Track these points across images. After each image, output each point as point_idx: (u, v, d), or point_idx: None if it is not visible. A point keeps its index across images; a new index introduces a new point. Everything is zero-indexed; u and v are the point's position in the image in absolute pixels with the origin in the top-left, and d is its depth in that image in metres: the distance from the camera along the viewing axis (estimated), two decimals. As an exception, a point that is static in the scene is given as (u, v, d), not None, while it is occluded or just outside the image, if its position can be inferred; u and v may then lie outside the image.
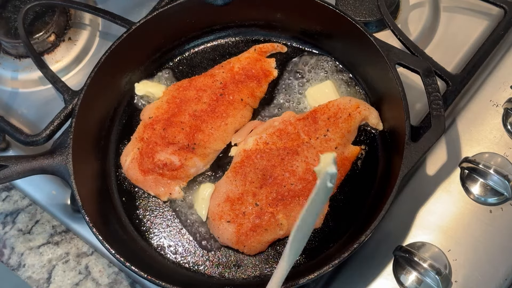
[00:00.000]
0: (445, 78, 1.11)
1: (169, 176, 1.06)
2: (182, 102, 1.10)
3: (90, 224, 0.95)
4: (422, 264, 0.97)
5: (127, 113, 1.16)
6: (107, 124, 1.13)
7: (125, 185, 1.10)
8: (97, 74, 1.06)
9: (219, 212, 1.01)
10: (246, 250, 1.00)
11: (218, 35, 1.22)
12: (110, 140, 1.13)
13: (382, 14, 1.16)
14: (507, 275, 1.01)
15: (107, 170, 1.11)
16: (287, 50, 1.20)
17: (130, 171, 1.08)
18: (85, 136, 1.06)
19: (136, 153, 1.07)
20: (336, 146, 1.05)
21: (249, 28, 1.21)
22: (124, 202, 1.09)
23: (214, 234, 1.03)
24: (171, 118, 1.08)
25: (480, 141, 1.11)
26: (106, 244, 0.93)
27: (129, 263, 0.92)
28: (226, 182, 1.03)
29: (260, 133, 1.07)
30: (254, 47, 1.18)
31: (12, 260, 1.11)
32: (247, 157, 1.04)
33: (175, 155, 1.06)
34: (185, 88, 1.12)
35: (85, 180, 1.02)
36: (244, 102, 1.11)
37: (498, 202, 1.05)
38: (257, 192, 1.01)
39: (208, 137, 1.08)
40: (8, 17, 1.28)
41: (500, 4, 1.21)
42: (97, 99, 1.09)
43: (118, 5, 1.28)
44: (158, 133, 1.07)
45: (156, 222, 1.06)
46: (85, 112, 1.05)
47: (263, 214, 1.00)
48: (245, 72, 1.13)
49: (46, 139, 1.11)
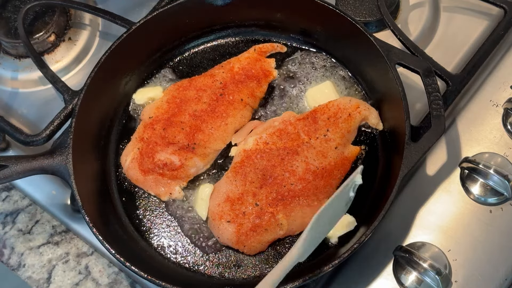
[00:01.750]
0: (445, 78, 1.11)
1: (169, 176, 1.06)
2: (182, 102, 1.10)
3: (90, 224, 0.95)
4: (422, 264, 0.97)
5: (127, 113, 1.16)
6: (107, 124, 1.13)
7: (125, 185, 1.10)
8: (97, 74, 1.06)
9: (219, 212, 1.01)
10: (246, 250, 1.00)
11: (218, 35, 1.22)
12: (110, 140, 1.13)
13: (382, 14, 1.16)
14: (507, 275, 1.01)
15: (107, 170, 1.11)
16: (286, 50, 1.20)
17: (130, 171, 1.08)
18: (85, 136, 1.06)
19: (136, 153, 1.07)
20: (336, 146, 1.05)
21: (249, 28, 1.21)
22: (124, 202, 1.09)
23: (214, 234, 1.03)
24: (171, 118, 1.08)
25: (480, 141, 1.11)
26: (106, 244, 0.93)
27: (129, 263, 0.92)
28: (226, 182, 1.03)
29: (260, 133, 1.07)
30: (254, 47, 1.18)
31: (12, 260, 1.11)
32: (247, 157, 1.04)
33: (175, 155, 1.06)
34: (185, 88, 1.12)
35: (85, 180, 1.02)
36: (244, 102, 1.11)
37: (498, 202, 1.05)
38: (257, 192, 1.01)
39: (208, 137, 1.08)
40: (8, 17, 1.28)
41: (500, 4, 1.21)
42: (97, 99, 1.09)
43: (118, 5, 1.28)
44: (158, 133, 1.07)
45: (156, 222, 1.06)
46: (85, 112, 1.05)
47: (263, 214, 1.00)
48: (245, 72, 1.13)
49: (46, 139, 1.11)
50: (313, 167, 1.02)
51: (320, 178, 1.02)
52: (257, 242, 1.00)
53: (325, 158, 1.04)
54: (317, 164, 1.03)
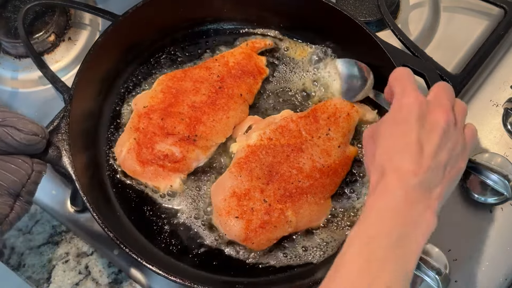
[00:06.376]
0: (445, 78, 1.11)
1: (170, 168, 1.05)
2: (179, 92, 1.09)
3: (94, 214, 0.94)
4: (422, 264, 0.97)
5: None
6: (97, 113, 1.13)
7: (117, 177, 1.09)
8: (85, 70, 1.06)
9: (226, 207, 1.00)
10: (254, 246, 1.00)
11: (210, 27, 1.21)
12: (100, 130, 1.12)
13: (382, 14, 1.16)
14: (507, 275, 1.01)
15: (100, 163, 1.10)
16: (282, 47, 1.19)
17: (127, 162, 1.06)
18: (78, 126, 1.04)
19: (133, 143, 1.06)
20: (339, 145, 1.05)
21: (242, 23, 1.21)
22: (118, 195, 1.07)
23: (221, 230, 1.02)
24: (168, 108, 1.07)
25: (480, 141, 1.11)
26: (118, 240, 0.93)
27: (143, 260, 0.92)
28: (230, 177, 1.03)
29: (263, 128, 1.06)
30: (246, 42, 1.18)
31: (12, 260, 1.11)
32: (251, 152, 1.04)
33: (176, 146, 1.05)
34: (180, 79, 1.11)
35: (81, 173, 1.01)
36: (243, 98, 1.11)
37: (498, 202, 1.05)
38: (265, 188, 1.01)
39: (210, 130, 1.07)
40: (8, 17, 1.27)
41: (500, 4, 1.21)
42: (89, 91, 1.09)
43: (118, 5, 1.27)
44: (156, 123, 1.06)
45: (156, 216, 1.06)
46: (77, 105, 1.04)
47: (272, 210, 0.99)
48: (241, 67, 1.13)
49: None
50: (319, 165, 1.03)
51: (326, 176, 1.03)
52: (266, 239, 1.00)
53: (330, 157, 1.04)
54: (323, 162, 1.03)
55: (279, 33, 1.20)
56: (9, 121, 0.86)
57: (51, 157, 0.95)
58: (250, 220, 0.99)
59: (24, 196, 0.88)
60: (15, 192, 0.87)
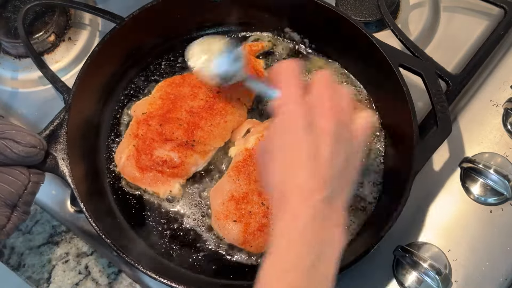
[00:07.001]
0: (445, 78, 1.11)
1: (169, 173, 1.06)
2: (177, 98, 1.09)
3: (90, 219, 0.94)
4: (422, 264, 0.97)
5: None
6: (96, 121, 1.12)
7: (118, 184, 1.09)
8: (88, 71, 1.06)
9: (225, 211, 1.01)
10: (253, 249, 1.00)
11: (208, 31, 1.21)
12: (100, 138, 1.12)
13: (382, 14, 1.16)
14: (507, 275, 1.01)
15: (100, 170, 1.10)
16: (282, 51, 1.19)
17: (126, 168, 1.07)
18: (77, 135, 1.04)
19: (132, 150, 1.06)
20: None
21: (240, 27, 1.21)
22: (118, 201, 1.08)
23: (220, 233, 1.02)
24: (167, 114, 1.07)
25: (480, 141, 1.11)
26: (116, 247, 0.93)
27: (139, 265, 0.92)
28: (228, 181, 1.03)
29: (261, 131, 1.06)
30: (244, 45, 1.18)
31: (12, 260, 1.11)
32: (249, 155, 1.04)
33: (174, 152, 1.05)
34: (178, 85, 1.11)
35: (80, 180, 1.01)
36: (241, 102, 1.11)
37: (498, 202, 1.05)
38: (263, 192, 1.01)
39: (208, 134, 1.07)
40: (8, 17, 1.27)
41: (500, 4, 1.21)
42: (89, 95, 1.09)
43: (118, 5, 1.28)
44: (154, 129, 1.06)
45: (156, 222, 1.06)
46: (75, 113, 1.04)
47: (270, 213, 0.99)
48: None
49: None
50: None
51: None
52: (264, 242, 0.99)
53: None
54: None
55: (277, 36, 1.20)
56: (8, 133, 0.86)
57: (49, 167, 0.96)
58: (248, 223, 0.99)
59: (21, 207, 0.89)
60: (12, 203, 0.87)
